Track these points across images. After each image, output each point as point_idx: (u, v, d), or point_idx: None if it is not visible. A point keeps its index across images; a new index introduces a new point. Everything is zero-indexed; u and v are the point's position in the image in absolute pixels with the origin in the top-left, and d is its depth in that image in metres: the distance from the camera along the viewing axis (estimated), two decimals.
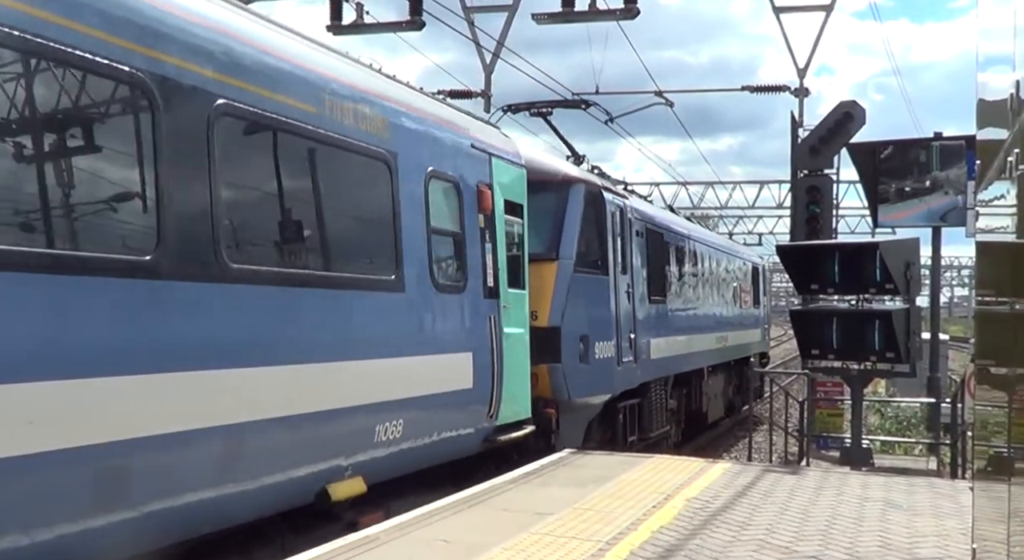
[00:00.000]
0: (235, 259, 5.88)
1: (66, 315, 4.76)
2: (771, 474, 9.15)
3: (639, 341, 13.08)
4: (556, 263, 10.87)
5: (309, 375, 6.43)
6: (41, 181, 4.86)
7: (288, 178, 6.83)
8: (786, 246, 13.11)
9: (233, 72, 5.98)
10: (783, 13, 24.52)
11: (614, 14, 16.25)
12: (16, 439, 4.42)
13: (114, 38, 5.10)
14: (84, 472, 4.81)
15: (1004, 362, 3.83)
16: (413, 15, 16.59)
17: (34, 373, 4.54)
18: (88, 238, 5.03)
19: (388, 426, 7.34)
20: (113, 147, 5.31)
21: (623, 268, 12.60)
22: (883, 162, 15.42)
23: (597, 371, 11.55)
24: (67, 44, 4.80)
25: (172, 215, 5.38)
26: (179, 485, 5.41)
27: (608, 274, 12.04)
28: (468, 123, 9.44)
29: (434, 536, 6.25)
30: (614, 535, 6.37)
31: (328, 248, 7.03)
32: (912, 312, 10.97)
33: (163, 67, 5.40)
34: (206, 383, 5.56)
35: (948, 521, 7.08)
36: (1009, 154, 3.52)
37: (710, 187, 43.16)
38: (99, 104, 5.21)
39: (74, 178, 5.04)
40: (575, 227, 11.20)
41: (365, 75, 7.83)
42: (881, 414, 19.06)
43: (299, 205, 6.86)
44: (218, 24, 6.02)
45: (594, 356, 11.43)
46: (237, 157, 6.19)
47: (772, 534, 6.55)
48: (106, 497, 4.97)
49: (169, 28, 5.52)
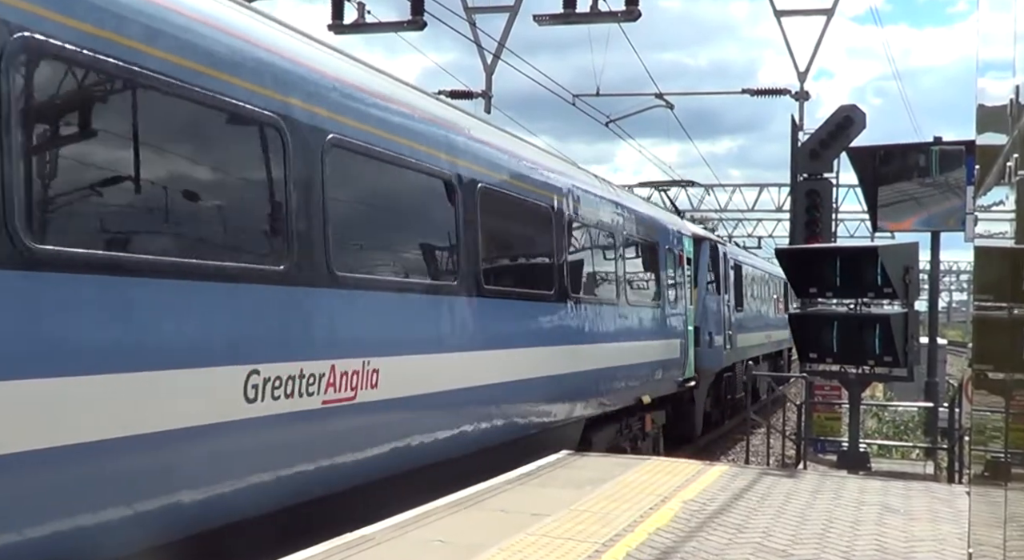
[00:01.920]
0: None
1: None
2: (768, 477, 9.16)
3: (733, 336, 20.28)
4: (696, 289, 17.64)
5: (634, 348, 12.99)
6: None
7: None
8: (785, 249, 13.13)
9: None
10: (784, 17, 24.55)
11: (616, 16, 16.27)
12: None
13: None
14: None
15: (1002, 367, 3.84)
16: (415, 15, 16.62)
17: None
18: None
19: (658, 372, 14.28)
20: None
21: (725, 289, 19.56)
22: (882, 166, 15.43)
23: (715, 353, 18.29)
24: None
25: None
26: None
27: (719, 294, 18.92)
28: (676, 221, 16.76)
29: (431, 536, 6.25)
30: (611, 536, 6.38)
31: (625, 284, 12.83)
32: (911, 316, 10.97)
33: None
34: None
35: (945, 525, 7.08)
36: (1008, 159, 3.52)
37: (710, 190, 43.19)
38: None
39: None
40: (705, 267, 18.38)
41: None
42: (879, 418, 19.07)
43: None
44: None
45: (714, 344, 18.21)
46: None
47: (769, 537, 6.55)
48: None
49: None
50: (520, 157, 9.79)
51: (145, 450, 4.78)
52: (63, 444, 4.34)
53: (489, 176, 8.78)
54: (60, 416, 4.33)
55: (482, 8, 22.27)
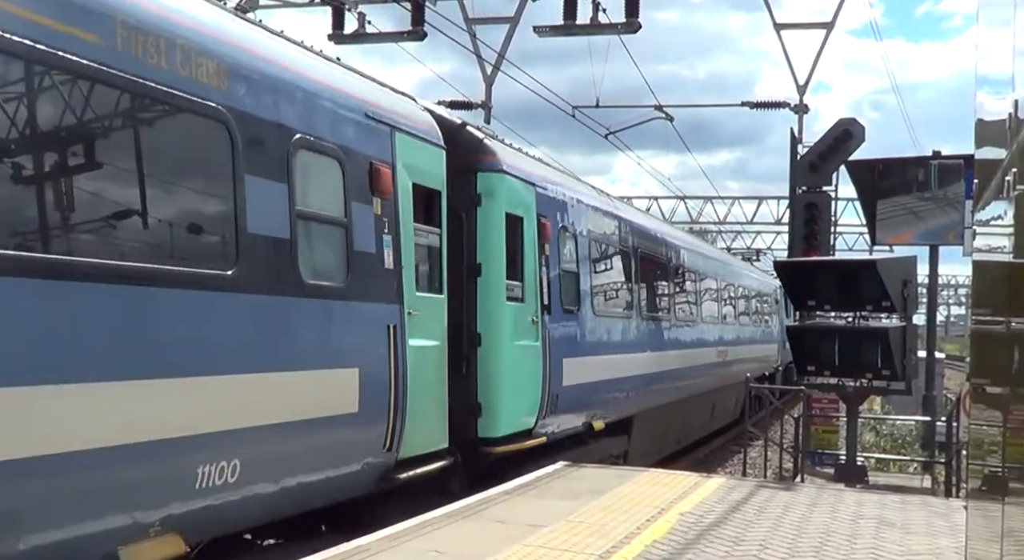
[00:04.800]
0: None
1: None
2: (765, 490, 9.14)
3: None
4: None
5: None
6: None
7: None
8: (784, 262, 13.13)
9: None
10: (784, 30, 24.62)
11: (616, 28, 16.30)
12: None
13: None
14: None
15: (999, 381, 3.84)
16: (415, 25, 16.65)
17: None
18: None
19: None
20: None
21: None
22: (881, 180, 15.45)
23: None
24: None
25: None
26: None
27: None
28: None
29: (427, 547, 6.23)
30: (607, 548, 6.36)
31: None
32: (909, 330, 10.97)
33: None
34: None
35: (942, 540, 7.07)
36: (1007, 173, 3.53)
37: (708, 202, 43.23)
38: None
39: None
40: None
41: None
42: (876, 431, 19.02)
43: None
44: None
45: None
46: None
47: (765, 550, 6.54)
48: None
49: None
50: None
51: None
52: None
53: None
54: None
55: (483, 19, 22.34)
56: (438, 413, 8.30)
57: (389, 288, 7.50)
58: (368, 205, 7.33)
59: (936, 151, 15.81)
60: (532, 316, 9.99)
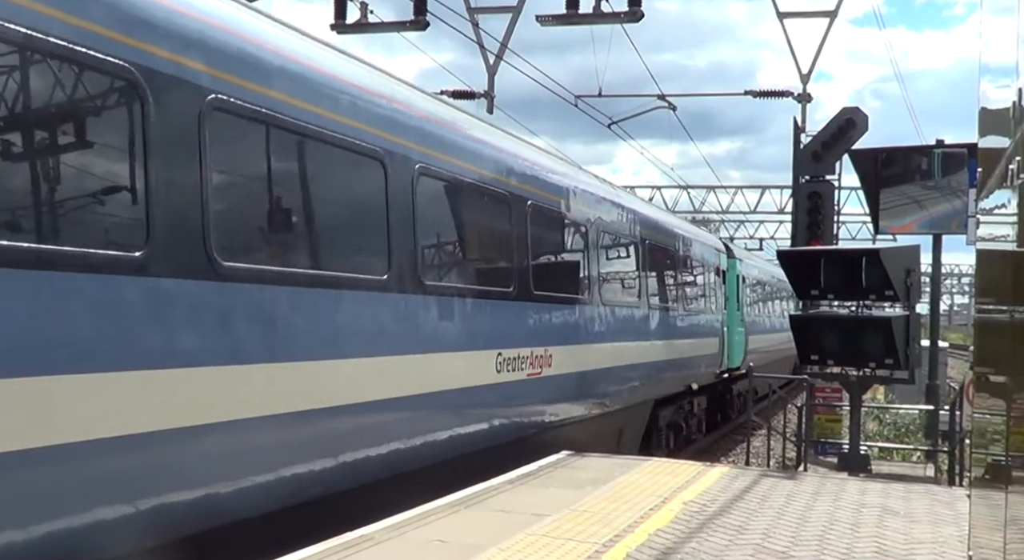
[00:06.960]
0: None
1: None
2: (768, 479, 9.16)
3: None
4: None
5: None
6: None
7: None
8: (787, 251, 13.11)
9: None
10: (787, 19, 24.56)
11: (618, 17, 16.28)
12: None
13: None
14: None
15: (1003, 370, 3.83)
16: (417, 15, 16.63)
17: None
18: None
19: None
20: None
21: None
22: (885, 169, 15.42)
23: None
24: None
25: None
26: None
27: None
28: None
29: (431, 536, 6.25)
30: (611, 537, 6.38)
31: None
32: (912, 319, 10.96)
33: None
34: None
35: (945, 528, 7.08)
36: (1011, 162, 3.52)
37: (711, 191, 43.21)
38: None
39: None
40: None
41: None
42: (880, 420, 19.05)
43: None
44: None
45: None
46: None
47: (769, 539, 6.55)
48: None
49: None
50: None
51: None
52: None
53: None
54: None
55: (485, 8, 22.30)
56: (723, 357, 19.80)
57: (719, 308, 19.71)
58: (717, 276, 19.68)
59: (939, 140, 15.77)
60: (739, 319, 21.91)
